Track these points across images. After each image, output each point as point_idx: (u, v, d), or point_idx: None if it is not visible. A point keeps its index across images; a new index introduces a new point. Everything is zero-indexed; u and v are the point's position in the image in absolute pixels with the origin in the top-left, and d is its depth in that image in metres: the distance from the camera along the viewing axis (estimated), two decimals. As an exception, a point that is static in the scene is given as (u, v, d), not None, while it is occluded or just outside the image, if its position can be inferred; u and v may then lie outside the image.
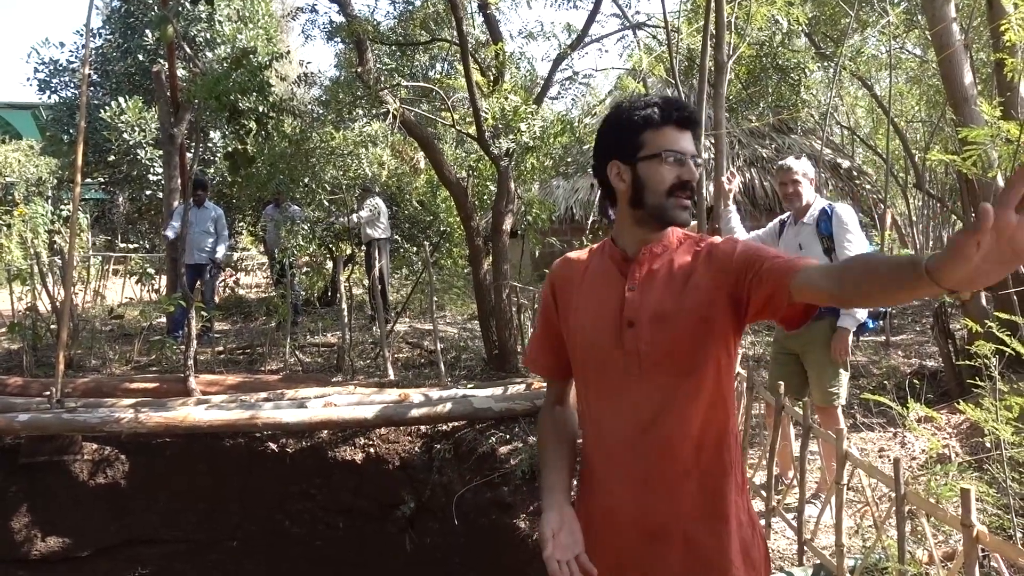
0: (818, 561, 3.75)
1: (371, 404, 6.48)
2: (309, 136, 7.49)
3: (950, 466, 4.04)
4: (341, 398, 6.62)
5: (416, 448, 6.78)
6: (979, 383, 3.71)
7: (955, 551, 3.33)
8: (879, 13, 11.08)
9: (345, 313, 8.48)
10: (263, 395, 6.82)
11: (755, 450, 5.04)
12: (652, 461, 1.76)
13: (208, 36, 13.42)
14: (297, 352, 8.90)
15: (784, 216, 4.65)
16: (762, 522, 4.35)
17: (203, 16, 13.13)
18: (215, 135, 13.55)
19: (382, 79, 7.87)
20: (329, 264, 10.91)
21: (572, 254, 2.02)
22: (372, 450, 6.81)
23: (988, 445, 4.12)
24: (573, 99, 10.50)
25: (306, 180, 8.20)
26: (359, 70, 7.22)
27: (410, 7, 8.69)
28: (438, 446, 6.63)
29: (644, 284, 1.79)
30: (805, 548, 3.87)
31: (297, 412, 6.29)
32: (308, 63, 8.81)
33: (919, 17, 10.03)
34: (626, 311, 1.77)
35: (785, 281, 1.57)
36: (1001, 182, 5.66)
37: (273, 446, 6.85)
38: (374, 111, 7.58)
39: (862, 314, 4.21)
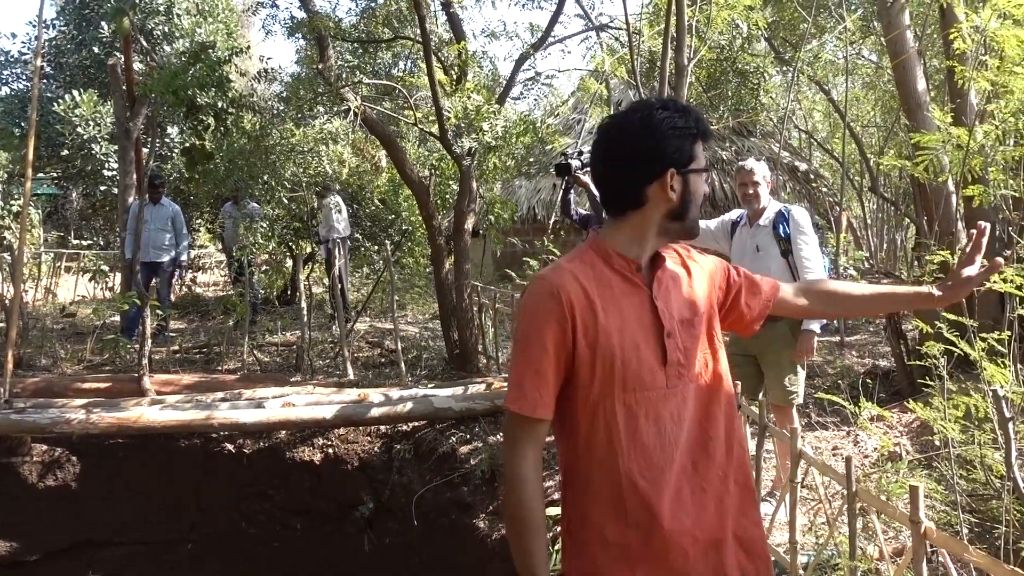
0: (773, 558, 3.80)
1: (330, 404, 6.43)
2: (269, 133, 7.40)
3: (900, 464, 4.12)
4: (300, 398, 6.55)
5: (376, 448, 6.74)
6: (929, 383, 3.80)
7: (905, 547, 3.39)
8: (836, 19, 11.26)
9: (304, 312, 8.40)
10: (220, 395, 6.72)
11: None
12: (699, 472, 1.74)
13: (166, 29, 13.21)
14: (255, 351, 8.79)
15: (735, 216, 4.70)
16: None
17: (161, 9, 12.93)
18: (172, 130, 13.33)
19: (343, 76, 7.80)
20: (289, 262, 10.80)
21: (567, 267, 1.77)
22: (331, 450, 6.75)
23: (937, 443, 4.21)
24: (536, 99, 10.53)
25: (265, 177, 8.10)
26: (320, 67, 7.15)
27: (372, 4, 8.63)
28: (398, 446, 6.60)
29: (663, 293, 1.79)
30: (761, 545, 3.91)
31: (255, 412, 6.22)
32: (268, 59, 8.70)
33: (875, 24, 10.22)
34: (665, 322, 1.75)
35: (771, 296, 1.93)
36: (952, 187, 5.80)
37: (230, 447, 6.76)
38: (335, 108, 7.52)
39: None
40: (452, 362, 8.07)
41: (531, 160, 9.13)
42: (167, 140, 13.04)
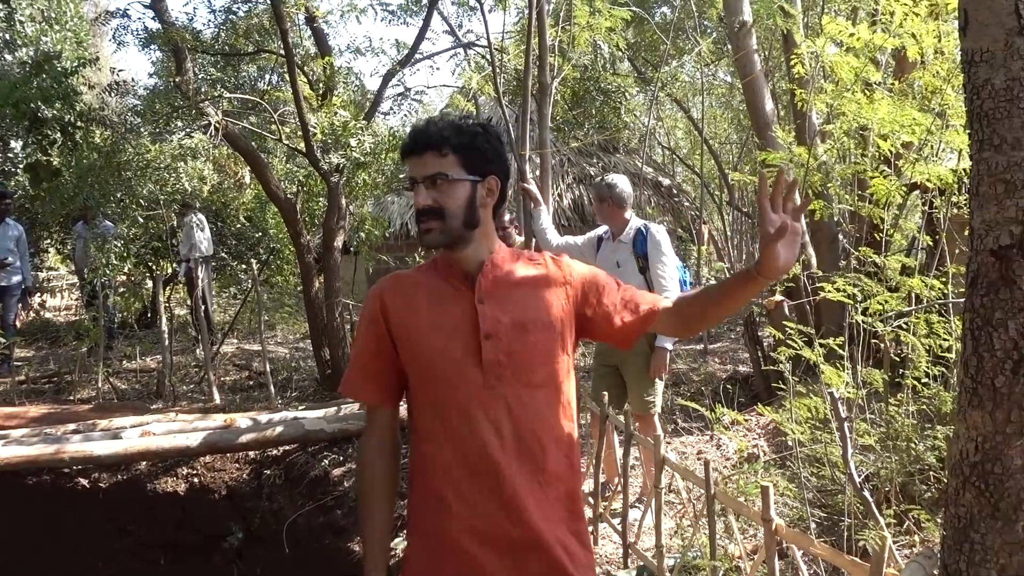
0: (641, 563, 3.92)
1: (194, 431, 6.15)
2: (122, 148, 7.04)
3: (757, 465, 4.34)
4: (160, 426, 6.24)
5: (244, 475, 6.50)
6: (783, 387, 4.02)
7: (759, 545, 3.57)
8: (693, 42, 11.84)
9: (165, 335, 8.02)
10: (71, 427, 6.30)
11: (582, 458, 5.20)
12: (518, 472, 1.78)
13: (7, 37, 12.31)
14: (111, 379, 8.30)
15: (602, 231, 4.84)
16: (589, 528, 4.52)
17: (1, 15, 12.06)
18: (15, 144, 12.43)
19: (203, 89, 7.53)
20: (149, 283, 10.28)
21: (401, 272, 1.97)
22: (196, 480, 6.47)
23: (790, 444, 4.45)
24: (406, 115, 10.51)
25: (119, 195, 7.68)
26: (177, 79, 6.88)
27: (232, 17, 8.38)
28: (268, 471, 6.39)
29: (492, 297, 1.82)
30: (630, 551, 4.03)
31: (110, 444, 5.87)
32: (120, 71, 8.27)
33: (727, 46, 10.80)
34: (482, 324, 1.79)
35: (654, 311, 1.92)
36: (798, 200, 6.17)
37: (84, 481, 6.35)
38: (195, 123, 7.24)
39: None
40: (324, 382, 7.90)
41: (402, 176, 9.09)
42: (10, 155, 12.14)
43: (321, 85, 8.00)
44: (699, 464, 5.44)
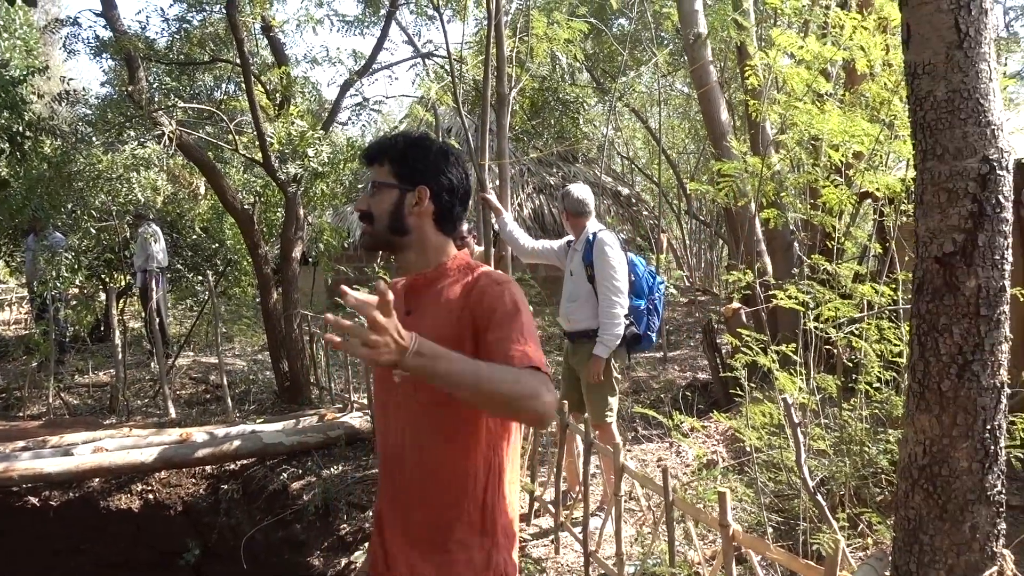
0: (602, 571, 3.93)
1: (149, 446, 6.03)
2: (73, 158, 6.89)
3: (715, 471, 4.38)
4: (113, 442, 6.10)
5: (201, 490, 6.41)
6: (740, 393, 4.07)
7: (717, 551, 3.61)
8: (651, 53, 11.98)
9: (119, 348, 7.86)
10: (21, 444, 6.13)
11: (545, 468, 5.21)
12: (398, 483, 1.88)
13: (-48, 45, 12.03)
14: (62, 394, 8.12)
15: (571, 237, 4.85)
16: (551, 538, 4.52)
17: (-54, 23, 11.78)
18: (-38, 155, 12.13)
19: (157, 99, 7.42)
20: (102, 296, 10.06)
21: None
22: (151, 496, 6.35)
23: (748, 449, 4.50)
24: (365, 125, 10.47)
25: (70, 206, 7.52)
26: (130, 88, 6.77)
27: (186, 26, 8.28)
28: (225, 486, 6.30)
29: (417, 310, 1.89)
30: (591, 559, 4.04)
31: (62, 460, 5.72)
32: (71, 80, 8.10)
33: (683, 58, 10.95)
34: None
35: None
36: (755, 210, 6.28)
37: (34, 500, 6.20)
38: (148, 132, 7.12)
39: (613, 342, 4.39)
40: (283, 395, 7.81)
41: (361, 186, 9.05)
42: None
43: (278, 95, 7.93)
44: (659, 471, 5.49)
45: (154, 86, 9.29)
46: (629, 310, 4.46)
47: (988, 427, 2.08)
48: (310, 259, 10.34)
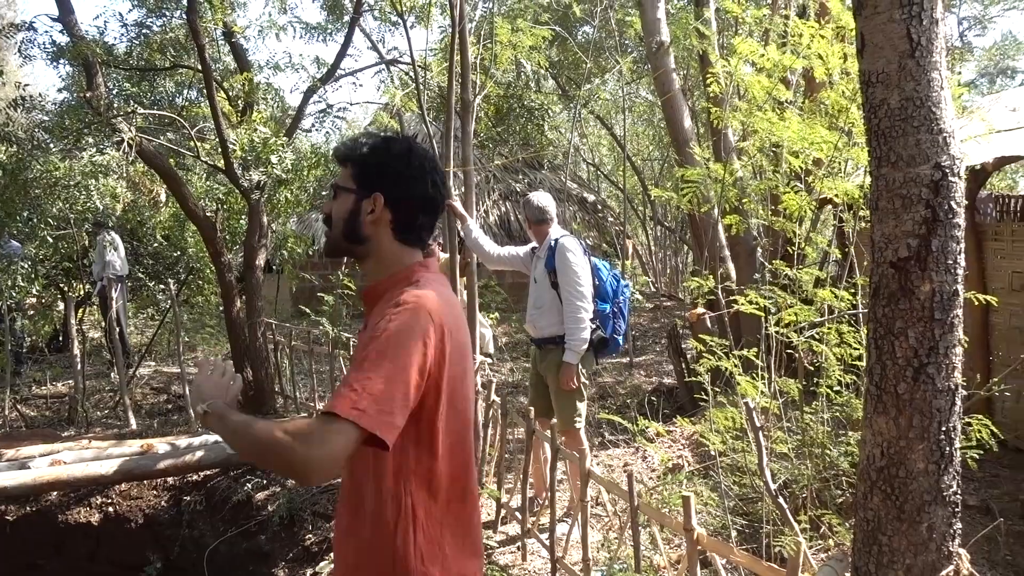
0: (568, 578, 3.93)
1: (108, 458, 5.92)
2: (28, 165, 6.74)
3: (680, 475, 4.41)
4: (72, 454, 5.98)
5: (163, 502, 6.31)
6: (704, 398, 4.10)
7: (682, 555, 3.63)
8: (614, 60, 12.08)
9: (78, 359, 7.71)
10: (-25, 457, 5.99)
11: (512, 474, 5.21)
12: (338, 511, 1.82)
13: (-96, 50, 11.74)
14: (19, 406, 7.94)
15: (534, 245, 4.86)
16: (517, 544, 4.51)
17: None
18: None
19: (116, 105, 7.31)
20: (60, 305, 9.87)
21: None
22: (111, 509, 6.24)
23: (713, 454, 4.54)
24: (329, 132, 10.39)
25: (26, 214, 7.36)
26: (88, 95, 6.65)
27: (146, 31, 8.16)
28: (188, 498, 6.21)
29: (366, 324, 1.75)
30: (557, 566, 4.04)
31: (17, 474, 5.59)
32: (26, 85, 7.93)
33: (647, 65, 11.05)
34: None
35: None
36: (718, 216, 6.35)
37: (-11, 515, 6.05)
38: (107, 139, 7.00)
39: (582, 347, 4.41)
40: (246, 404, 7.71)
41: (324, 193, 8.98)
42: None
43: (240, 101, 7.85)
44: (625, 477, 5.52)
45: (113, 92, 9.15)
46: (594, 314, 4.48)
47: (943, 429, 2.12)
48: (274, 267, 10.25)
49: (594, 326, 4.48)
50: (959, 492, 2.20)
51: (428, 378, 1.60)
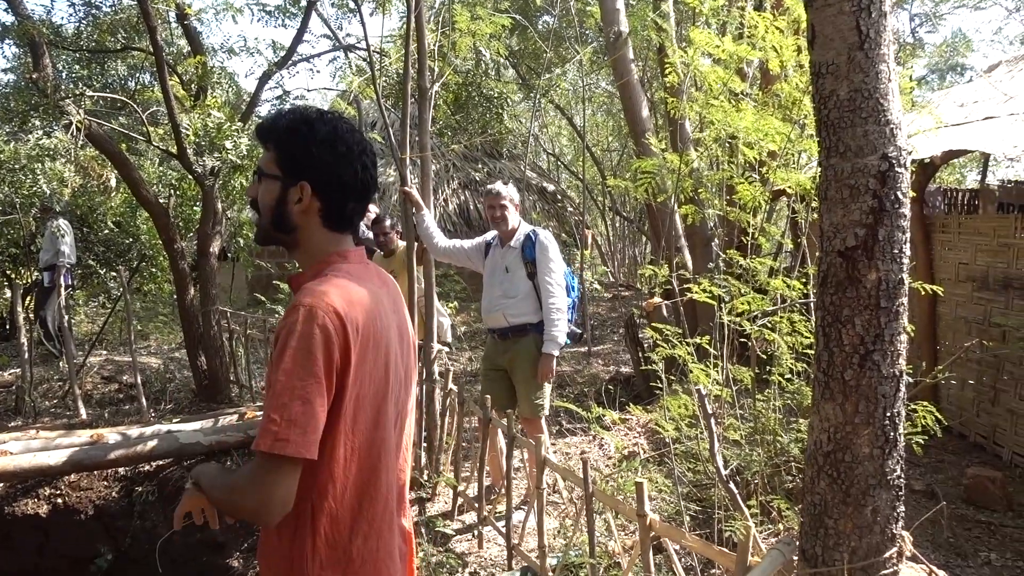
0: (525, 564, 3.96)
1: (57, 448, 5.78)
2: (-28, 148, 6.56)
3: (635, 463, 4.46)
4: (19, 444, 5.83)
5: (114, 493, 6.19)
6: (660, 386, 4.15)
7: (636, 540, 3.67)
8: (575, 50, 12.09)
9: (25, 347, 7.51)
10: (-84, 449, 5.81)
11: (469, 463, 5.21)
12: None
13: None
14: (-37, 396, 7.73)
15: (490, 237, 4.87)
16: (474, 532, 4.53)
17: None
18: None
19: (65, 87, 7.12)
20: (7, 292, 9.61)
21: None
22: (60, 501, 6.11)
23: (667, 441, 4.60)
24: (286, 118, 10.20)
25: (-30, 198, 7.16)
26: (34, 76, 6.47)
27: (95, 12, 7.95)
28: (140, 488, 6.11)
29: None
30: (514, 552, 4.06)
31: (-39, 465, 5.44)
32: (-30, 66, 7.69)
33: (607, 56, 11.09)
34: None
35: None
36: (675, 206, 6.41)
37: (-69, 507, 5.88)
38: (55, 122, 6.82)
39: (562, 338, 4.50)
40: (201, 393, 7.61)
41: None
42: None
43: (194, 85, 7.70)
44: (582, 464, 5.56)
45: (62, 74, 8.92)
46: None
47: (888, 414, 2.17)
48: (229, 255, 10.10)
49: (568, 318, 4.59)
50: (903, 476, 2.25)
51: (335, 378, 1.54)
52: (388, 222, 6.06)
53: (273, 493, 1.46)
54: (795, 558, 2.37)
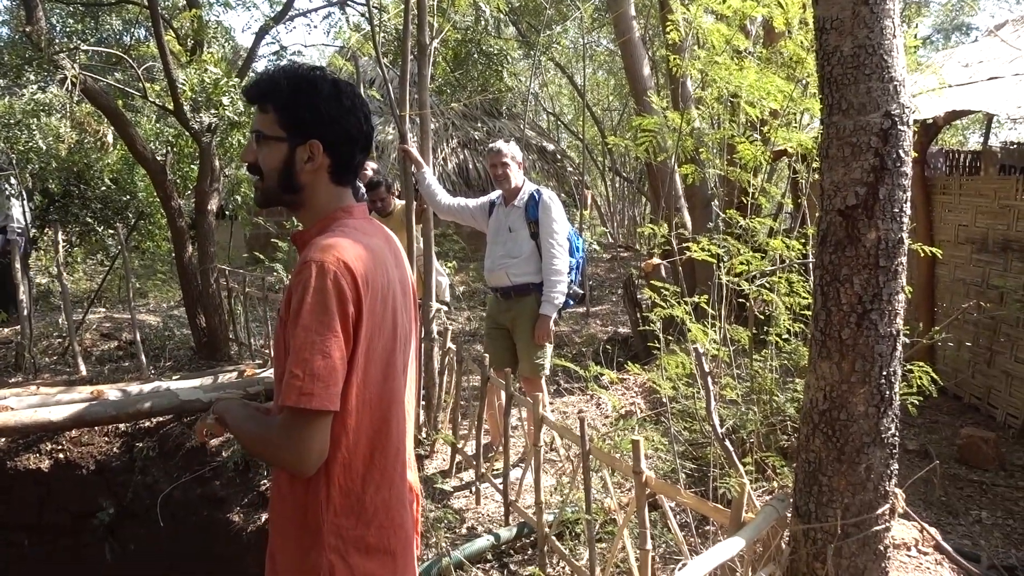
0: (522, 520, 4.01)
1: (58, 404, 5.83)
2: (-34, 102, 6.48)
3: (632, 421, 4.49)
4: (20, 400, 5.87)
5: (115, 449, 6.24)
6: (657, 346, 4.16)
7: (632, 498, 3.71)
8: (576, 7, 11.91)
9: (25, 304, 7.52)
10: (-83, 404, 5.85)
11: (467, 421, 5.26)
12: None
13: None
14: (-37, 352, 7.76)
15: (494, 196, 4.84)
16: (472, 489, 4.58)
17: None
18: None
19: (59, 41, 7.01)
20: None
21: None
22: (62, 455, 6.16)
23: (664, 400, 4.62)
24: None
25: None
26: (28, 29, 6.37)
27: (88, -37, 7.82)
28: (140, 444, 6.16)
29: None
30: (511, 509, 4.11)
31: (-38, 421, 5.48)
32: (-37, 19, 7.58)
33: (608, 14, 10.94)
34: None
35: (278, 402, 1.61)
36: (675, 166, 6.37)
37: (-67, 462, 5.94)
38: (50, 77, 6.74)
39: (560, 299, 4.51)
40: (200, 351, 7.64)
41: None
42: None
43: (190, 40, 7.59)
44: (579, 422, 5.60)
45: (56, 28, 8.79)
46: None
47: (884, 373, 2.18)
48: (227, 212, 10.05)
49: (570, 279, 4.57)
50: (897, 435, 2.27)
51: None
52: (383, 187, 5.99)
53: (310, 447, 1.53)
54: (788, 514, 2.40)
